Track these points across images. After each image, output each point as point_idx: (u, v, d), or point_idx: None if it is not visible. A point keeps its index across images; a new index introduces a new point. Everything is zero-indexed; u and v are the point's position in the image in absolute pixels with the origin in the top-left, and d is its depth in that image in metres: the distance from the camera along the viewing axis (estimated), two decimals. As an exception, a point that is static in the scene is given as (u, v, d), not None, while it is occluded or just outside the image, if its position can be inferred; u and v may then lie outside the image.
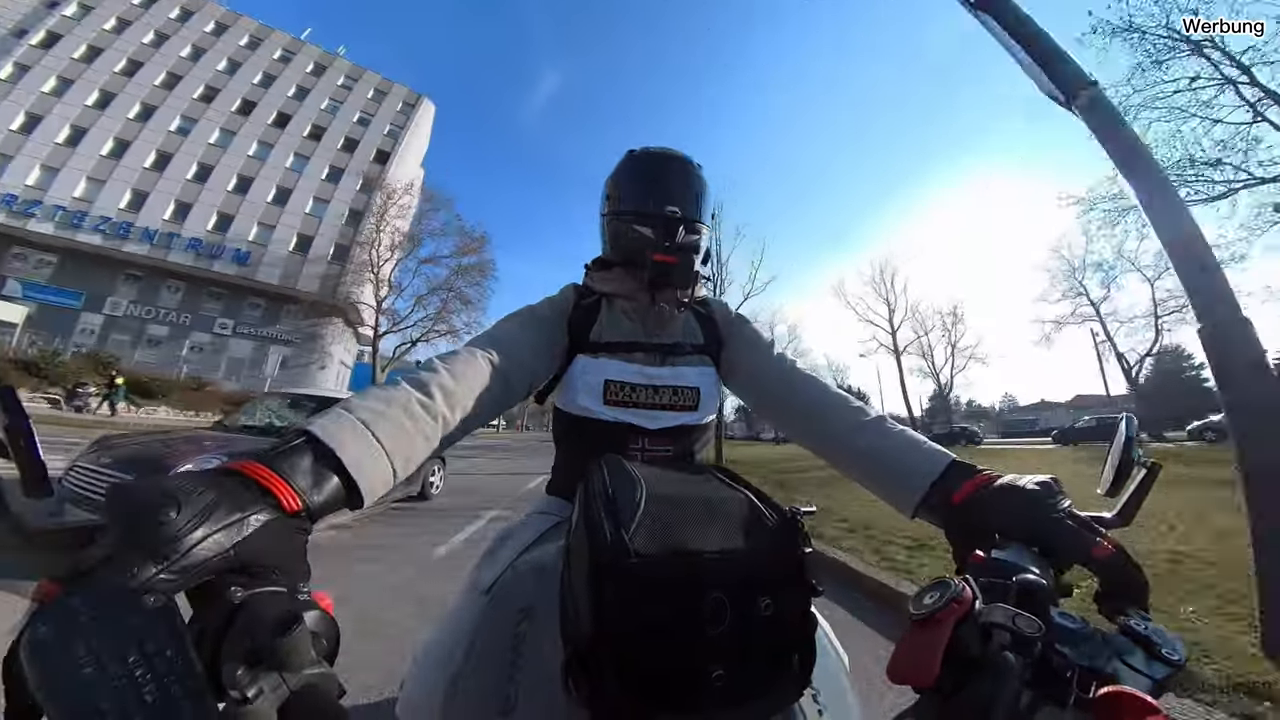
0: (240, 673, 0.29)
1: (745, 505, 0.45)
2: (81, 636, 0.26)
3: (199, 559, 0.33)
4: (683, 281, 0.87)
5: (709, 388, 0.88)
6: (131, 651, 0.26)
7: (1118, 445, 0.56)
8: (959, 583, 0.37)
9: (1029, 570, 0.41)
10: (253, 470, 0.41)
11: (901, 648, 0.35)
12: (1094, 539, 0.47)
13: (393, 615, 2.70)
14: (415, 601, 2.93)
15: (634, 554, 0.38)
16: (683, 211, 0.85)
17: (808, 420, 0.79)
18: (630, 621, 0.37)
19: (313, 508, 0.44)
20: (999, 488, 0.55)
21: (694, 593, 0.37)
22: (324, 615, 0.35)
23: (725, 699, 0.37)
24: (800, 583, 0.41)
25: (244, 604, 0.33)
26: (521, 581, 0.66)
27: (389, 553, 4.01)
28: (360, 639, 2.29)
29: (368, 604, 2.86)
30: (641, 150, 0.94)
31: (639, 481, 0.46)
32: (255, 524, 0.37)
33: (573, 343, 0.86)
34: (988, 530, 0.52)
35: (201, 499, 0.35)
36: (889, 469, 0.67)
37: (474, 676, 0.57)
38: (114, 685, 0.24)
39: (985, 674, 0.32)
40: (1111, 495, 0.56)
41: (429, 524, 5.16)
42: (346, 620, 0.36)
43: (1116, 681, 0.34)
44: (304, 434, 0.48)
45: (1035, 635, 0.33)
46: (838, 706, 0.56)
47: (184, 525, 0.33)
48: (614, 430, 0.83)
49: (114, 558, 0.31)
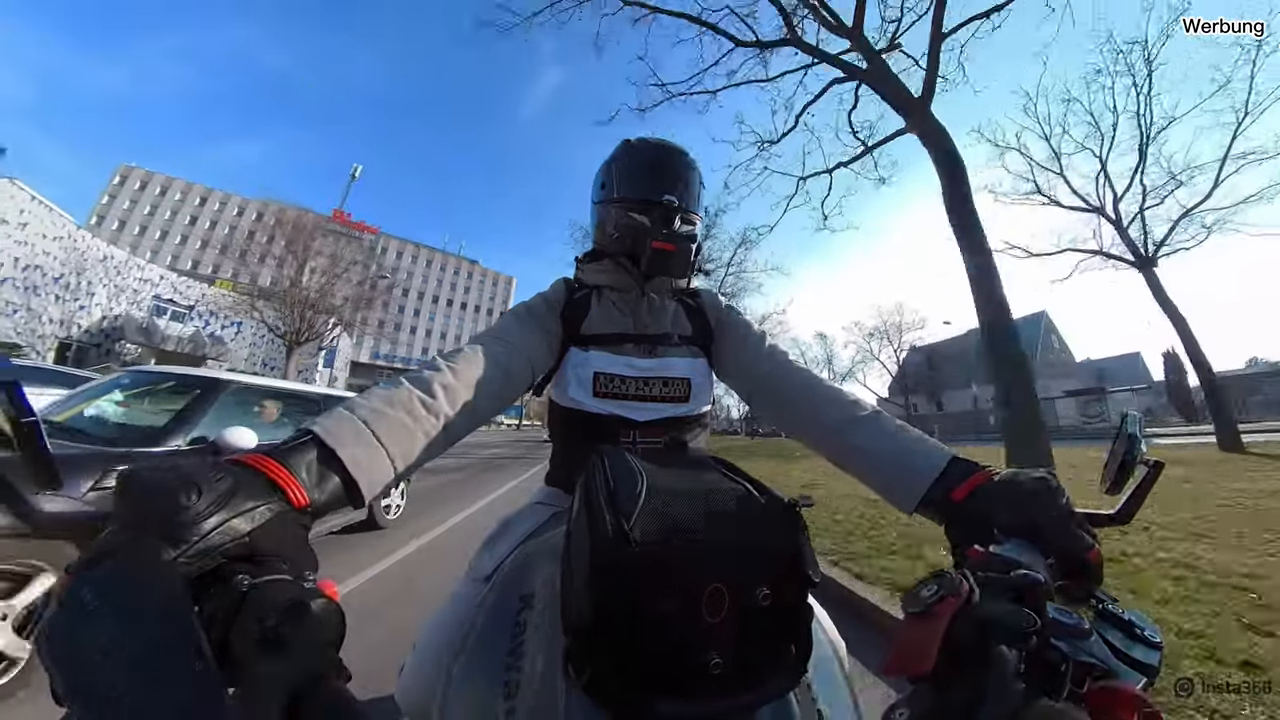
0: (249, 658, 0.30)
1: (744, 496, 0.46)
2: (93, 621, 0.26)
3: (215, 544, 0.34)
4: (681, 270, 0.87)
5: (700, 379, 0.88)
6: (143, 636, 0.26)
7: (1121, 442, 0.55)
8: (956, 577, 0.37)
9: (1027, 566, 0.41)
10: (263, 464, 0.42)
11: (899, 639, 0.35)
12: (1091, 541, 0.48)
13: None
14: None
15: (634, 543, 0.38)
16: (680, 201, 0.85)
17: (802, 414, 0.79)
18: (630, 610, 0.37)
19: (316, 504, 0.45)
20: (999, 483, 0.55)
21: (693, 582, 0.38)
22: (329, 602, 0.36)
23: (723, 687, 0.38)
24: (798, 573, 0.41)
25: (251, 591, 0.33)
26: (522, 569, 0.66)
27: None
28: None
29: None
30: (638, 140, 0.93)
31: (640, 472, 0.46)
32: (268, 514, 0.39)
33: (566, 335, 0.86)
34: (987, 526, 0.52)
35: (220, 484, 0.36)
36: (890, 466, 0.66)
37: (474, 663, 0.57)
38: (127, 669, 0.25)
39: (980, 667, 0.32)
40: (1112, 493, 0.55)
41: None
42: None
43: (1110, 676, 0.35)
44: (308, 433, 0.49)
45: (1030, 629, 0.33)
46: (833, 696, 0.56)
47: (204, 509, 0.34)
48: (604, 422, 0.83)
49: (133, 542, 0.31)
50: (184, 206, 49.84)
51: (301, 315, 19.70)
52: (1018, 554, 0.45)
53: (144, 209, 47.89)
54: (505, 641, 0.56)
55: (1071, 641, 0.37)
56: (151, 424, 2.78)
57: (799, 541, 0.42)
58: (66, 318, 26.80)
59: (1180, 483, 5.83)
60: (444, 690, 0.58)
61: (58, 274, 26.20)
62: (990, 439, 21.86)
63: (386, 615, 2.63)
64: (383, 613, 2.67)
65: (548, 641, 0.52)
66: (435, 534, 4.57)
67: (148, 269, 32.03)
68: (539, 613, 0.57)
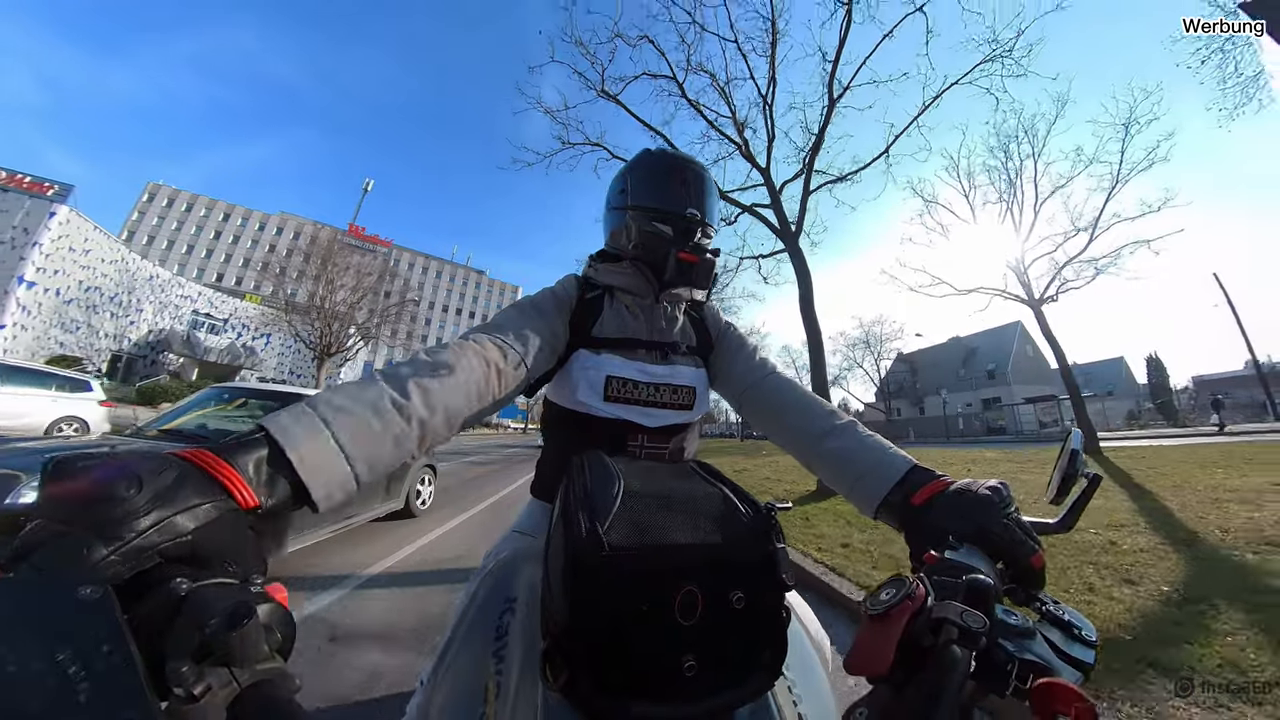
0: (186, 669, 0.26)
1: (721, 500, 0.47)
2: (3, 630, 0.23)
3: (153, 542, 0.32)
4: (704, 282, 0.88)
5: (702, 388, 0.91)
6: (62, 647, 0.23)
7: (1065, 457, 0.59)
8: (913, 581, 0.38)
9: (978, 570, 0.42)
10: (207, 459, 0.39)
11: (858, 641, 0.36)
12: (1035, 547, 0.51)
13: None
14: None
15: (608, 547, 0.39)
16: (701, 215, 0.86)
17: (784, 422, 0.83)
18: (604, 613, 0.38)
19: (265, 506, 0.41)
20: (953, 492, 0.58)
21: (667, 585, 0.39)
22: (278, 608, 0.33)
23: (698, 688, 0.39)
24: (773, 577, 0.42)
25: (190, 595, 0.30)
26: (506, 573, 0.67)
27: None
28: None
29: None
30: (659, 150, 0.94)
31: (617, 477, 0.48)
32: (214, 512, 0.36)
33: (574, 336, 0.84)
34: (943, 532, 0.53)
35: (163, 479, 0.34)
36: (855, 471, 0.70)
37: (457, 666, 0.58)
38: (42, 685, 0.22)
39: (934, 666, 0.33)
40: (1056, 503, 0.58)
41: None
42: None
43: (1051, 673, 0.37)
44: (261, 429, 0.45)
45: (980, 630, 0.34)
46: (813, 696, 0.56)
47: (143, 504, 0.32)
48: (613, 427, 0.83)
49: (60, 537, 0.29)
50: (208, 222, 52.67)
51: (330, 328, 21.67)
52: (970, 559, 0.47)
53: (171, 224, 50.71)
54: (488, 645, 0.56)
55: (1017, 641, 0.39)
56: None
57: (773, 545, 0.43)
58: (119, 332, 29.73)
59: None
60: (430, 692, 0.57)
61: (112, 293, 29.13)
62: (958, 444, 24.38)
63: (416, 580, 3.34)
64: (413, 578, 3.37)
65: (528, 645, 0.53)
66: (458, 520, 5.41)
67: (187, 286, 35.16)
68: (520, 617, 0.58)
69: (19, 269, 23.81)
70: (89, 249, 27.56)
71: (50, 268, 25.09)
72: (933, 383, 46.02)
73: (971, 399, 41.78)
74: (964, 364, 44.91)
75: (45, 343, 25.27)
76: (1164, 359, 50.08)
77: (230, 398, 4.03)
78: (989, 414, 33.52)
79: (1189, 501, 4.99)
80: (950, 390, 43.52)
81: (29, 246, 24.20)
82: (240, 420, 3.87)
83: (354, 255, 25.77)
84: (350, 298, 22.81)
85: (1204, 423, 31.69)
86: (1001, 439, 27.32)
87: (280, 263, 29.81)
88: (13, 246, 24.20)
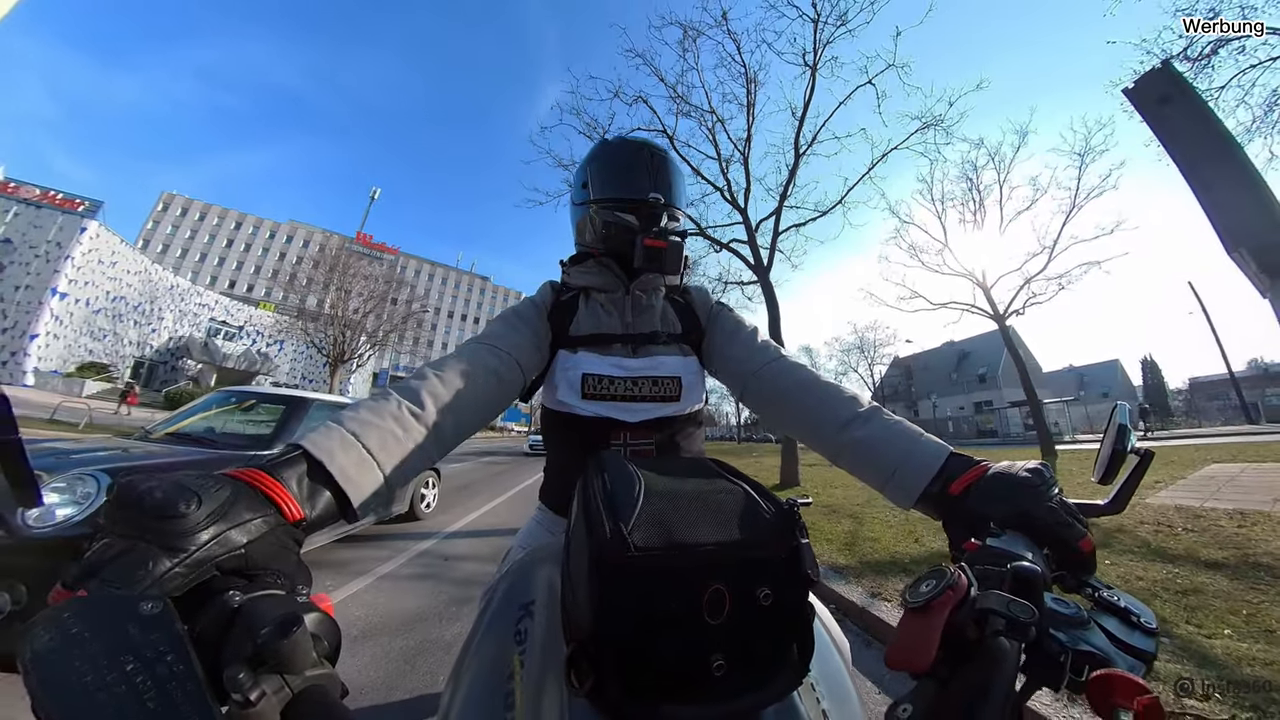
0: (242, 676, 0.28)
1: (743, 498, 0.46)
2: (79, 645, 0.25)
3: (212, 554, 0.35)
4: (674, 266, 0.85)
5: (691, 377, 0.87)
6: (130, 658, 0.26)
7: (1111, 433, 0.56)
8: (954, 571, 0.37)
9: (1023, 557, 0.41)
10: (256, 477, 0.42)
11: (899, 635, 0.35)
12: (1083, 530, 0.48)
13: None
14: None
15: (633, 548, 0.38)
16: (665, 198, 0.85)
17: (796, 409, 0.77)
18: (631, 614, 0.37)
19: (309, 519, 0.45)
20: (992, 477, 0.55)
21: (694, 584, 0.38)
22: (325, 617, 0.35)
23: (726, 688, 0.38)
24: (797, 573, 0.41)
25: (243, 607, 0.32)
26: (522, 578, 0.66)
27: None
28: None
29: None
30: (616, 138, 0.92)
31: (637, 477, 0.47)
32: (264, 527, 0.39)
33: (554, 338, 0.86)
34: (984, 519, 0.51)
35: (219, 496, 0.37)
36: (888, 462, 0.65)
37: (475, 672, 0.57)
38: (114, 693, 0.24)
39: (980, 659, 0.32)
40: (1105, 483, 0.56)
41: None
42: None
43: (1108, 664, 0.35)
44: (296, 447, 0.49)
45: (1029, 621, 0.33)
46: (836, 695, 0.56)
47: (202, 520, 0.35)
48: (594, 425, 0.82)
49: (126, 553, 0.32)
50: (221, 230, 53.95)
51: (343, 335, 22.36)
52: (1014, 546, 0.44)
53: (186, 233, 52.01)
54: (507, 651, 0.56)
55: (1070, 631, 0.37)
56: (259, 432, 3.62)
57: (797, 541, 0.42)
58: (141, 339, 31.15)
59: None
60: (449, 701, 0.57)
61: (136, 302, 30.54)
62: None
63: (425, 575, 3.67)
64: (423, 574, 3.70)
65: (548, 649, 0.52)
66: (462, 523, 5.68)
67: (205, 294, 36.59)
68: (538, 621, 0.57)
69: (53, 281, 25.25)
70: (115, 260, 28.93)
71: (80, 279, 26.51)
72: (927, 386, 47.04)
73: (964, 402, 42.76)
74: (957, 368, 45.91)
75: (76, 350, 26.67)
76: (1160, 362, 51.21)
77: (237, 401, 4.05)
78: (979, 417, 34.64)
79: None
80: (943, 394, 44.55)
81: (62, 260, 25.64)
82: (246, 423, 3.84)
83: (363, 263, 26.51)
84: (362, 306, 23.59)
85: (1190, 424, 32.82)
86: (990, 441, 28.45)
87: (291, 270, 30.16)
88: (47, 260, 25.66)
